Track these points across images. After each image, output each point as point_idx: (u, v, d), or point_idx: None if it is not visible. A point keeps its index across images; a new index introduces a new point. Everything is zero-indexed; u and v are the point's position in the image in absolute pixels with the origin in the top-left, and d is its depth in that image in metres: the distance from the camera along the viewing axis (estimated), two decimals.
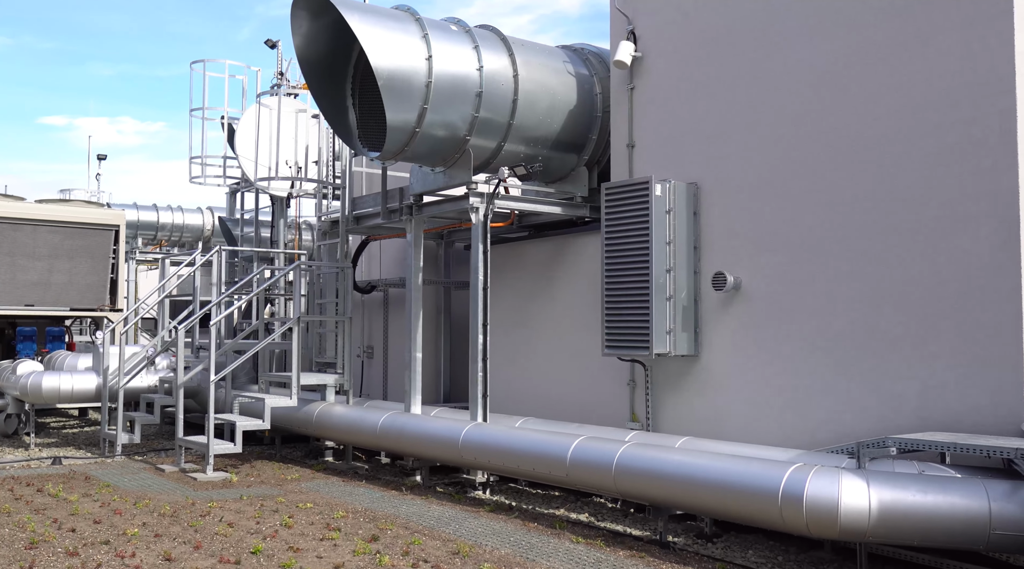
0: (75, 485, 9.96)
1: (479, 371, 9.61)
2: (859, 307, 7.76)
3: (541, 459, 7.96)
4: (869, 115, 7.81)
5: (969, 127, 7.13)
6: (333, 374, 11.69)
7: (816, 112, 8.21)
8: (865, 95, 7.85)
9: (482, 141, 9.93)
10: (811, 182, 8.22)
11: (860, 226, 7.81)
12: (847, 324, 7.84)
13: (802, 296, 8.22)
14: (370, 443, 10.35)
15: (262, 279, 12.57)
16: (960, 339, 7.06)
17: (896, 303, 7.50)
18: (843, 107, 8.01)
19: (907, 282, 7.44)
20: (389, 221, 11.22)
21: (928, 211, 7.35)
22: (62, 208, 15.56)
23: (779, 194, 8.47)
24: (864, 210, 7.79)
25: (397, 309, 13.54)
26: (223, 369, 11.51)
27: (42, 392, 12.82)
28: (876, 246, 7.67)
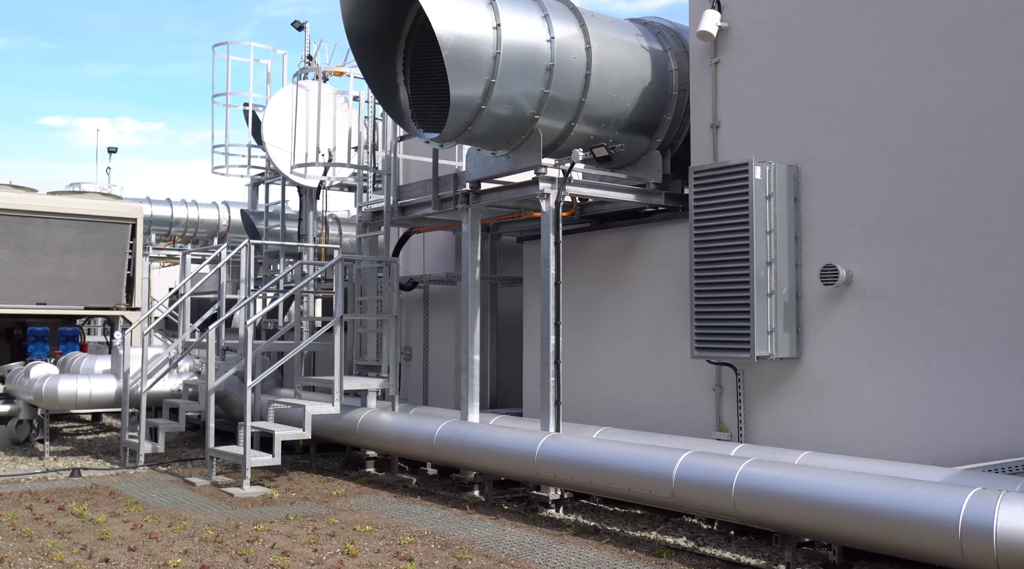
0: (100, 502, 8.98)
1: (551, 376, 8.63)
2: (1004, 302, 6.79)
3: (639, 477, 6.98)
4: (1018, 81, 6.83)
5: None
6: (376, 378, 10.72)
7: (951, 78, 7.23)
8: (1014, 57, 6.88)
9: (550, 121, 8.95)
10: (941, 160, 7.24)
11: (1005, 207, 6.83)
12: (987, 321, 6.87)
13: (931, 290, 7.24)
14: (424, 455, 9.38)
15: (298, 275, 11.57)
16: None
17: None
18: (985, 70, 7.03)
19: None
20: (441, 211, 10.25)
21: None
22: (76, 200, 14.58)
23: (901, 175, 7.49)
24: (1010, 189, 6.81)
25: (439, 307, 12.56)
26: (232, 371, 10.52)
27: (58, 397, 11.84)
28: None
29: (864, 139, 7.76)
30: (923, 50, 7.41)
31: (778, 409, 8.26)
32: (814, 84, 8.18)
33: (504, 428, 8.62)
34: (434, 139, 8.94)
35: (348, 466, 11.47)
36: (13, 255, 14.05)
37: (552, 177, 8.79)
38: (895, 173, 7.53)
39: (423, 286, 12.71)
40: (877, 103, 7.69)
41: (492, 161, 9.42)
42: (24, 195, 14.17)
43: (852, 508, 5.68)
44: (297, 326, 11.77)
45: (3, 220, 13.87)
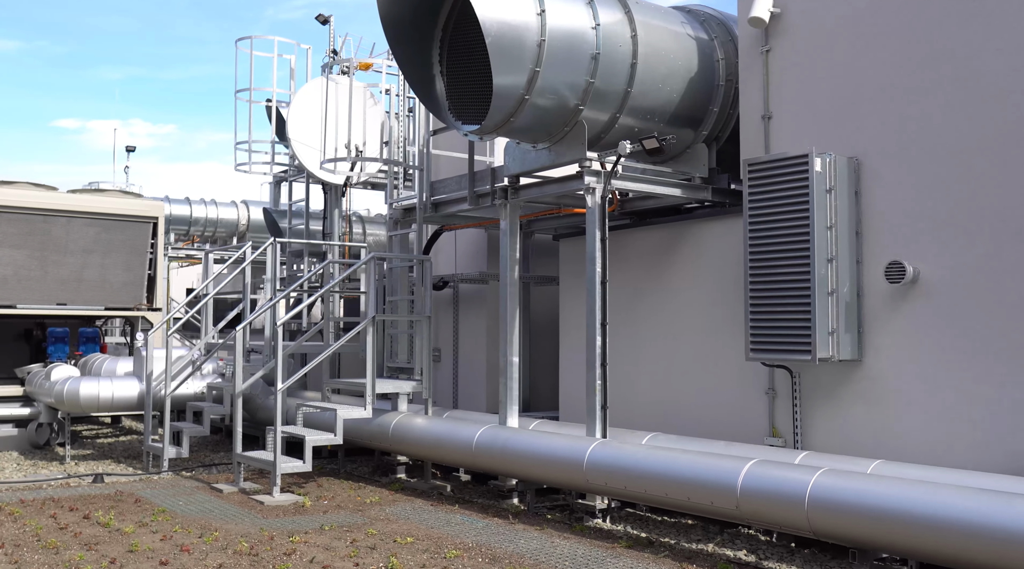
0: (126, 510, 8.63)
1: (597, 379, 8.23)
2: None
3: (701, 487, 6.57)
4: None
5: None
6: (409, 380, 10.34)
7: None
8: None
9: (594, 112, 8.56)
10: (1017, 150, 6.81)
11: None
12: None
13: (1005, 289, 6.81)
14: (462, 462, 8.99)
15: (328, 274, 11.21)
16: None
17: None
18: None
19: None
20: (477, 207, 9.86)
21: None
22: (97, 199, 14.24)
23: (972, 166, 7.06)
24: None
25: (469, 307, 12.18)
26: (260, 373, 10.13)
27: (80, 400, 11.50)
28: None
29: (932, 128, 7.34)
30: (998, 31, 6.98)
31: (837, 414, 7.84)
32: (876, 70, 7.76)
33: (549, 434, 8.22)
34: (473, 132, 8.56)
35: (378, 472, 11.09)
36: (33, 255, 13.73)
37: (597, 171, 8.40)
38: (966, 164, 7.11)
39: (453, 286, 12.33)
40: (947, 89, 7.27)
41: (532, 155, 9.02)
42: (44, 193, 13.84)
43: (943, 523, 5.27)
44: (326, 327, 11.40)
45: (24, 219, 13.55)
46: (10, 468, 11.38)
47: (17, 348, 15.36)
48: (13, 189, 13.65)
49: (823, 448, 7.87)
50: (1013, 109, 6.86)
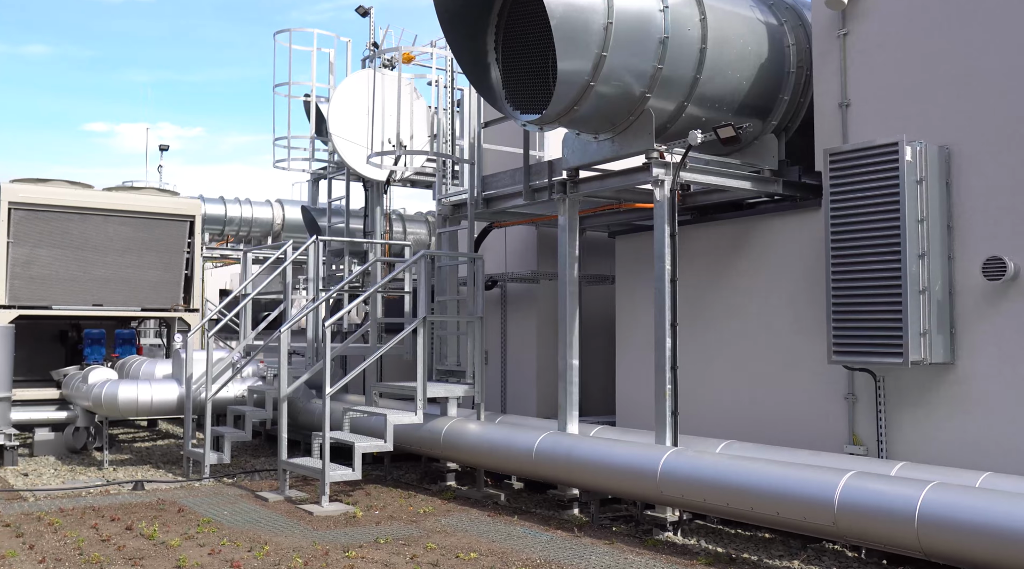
0: (169, 521, 8.24)
1: (667, 383, 7.74)
2: None
3: (792, 502, 6.08)
4: None
5: None
6: (460, 384, 9.89)
7: None
8: None
9: (661, 101, 8.08)
10: None
11: None
12: None
13: None
14: (521, 470, 8.53)
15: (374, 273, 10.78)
16: None
17: None
18: None
19: None
20: (532, 202, 9.41)
21: None
22: (133, 197, 13.91)
23: None
24: None
25: (518, 308, 11.72)
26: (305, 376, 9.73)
27: (118, 404, 11.15)
28: None
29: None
30: None
31: (926, 421, 7.32)
32: (967, 52, 7.23)
33: (615, 442, 7.74)
34: (532, 122, 8.10)
35: (426, 479, 10.66)
36: (69, 255, 13.42)
37: (666, 162, 7.92)
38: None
39: (501, 285, 11.88)
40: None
41: (593, 146, 8.55)
42: (80, 191, 13.52)
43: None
44: (373, 329, 10.99)
45: (60, 218, 13.24)
46: (48, 474, 11.05)
47: (52, 350, 15.08)
48: (48, 187, 13.35)
49: (911, 457, 7.34)
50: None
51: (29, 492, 9.69)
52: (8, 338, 11.77)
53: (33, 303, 13.26)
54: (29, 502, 9.20)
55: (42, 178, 13.54)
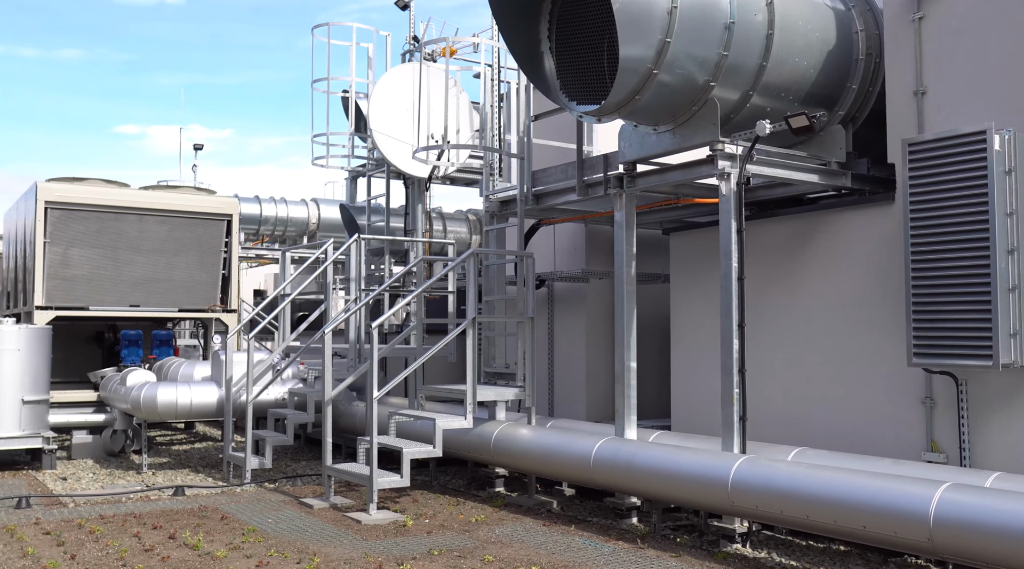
0: (213, 529, 7.94)
1: (734, 387, 7.35)
2: None
3: (881, 515, 5.67)
4: None
5: None
6: (509, 387, 9.54)
7: None
8: None
9: (725, 90, 7.68)
10: None
11: None
12: None
13: None
14: (578, 477, 8.17)
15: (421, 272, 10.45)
16: None
17: None
18: None
19: None
20: (586, 197, 9.04)
21: None
22: (170, 195, 13.68)
23: None
24: None
25: (565, 308, 11.35)
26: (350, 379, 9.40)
27: (157, 407, 10.89)
28: None
29: None
30: None
31: (1014, 427, 6.87)
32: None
33: (679, 449, 7.36)
34: (590, 113, 7.73)
35: (473, 485, 10.31)
36: (105, 254, 13.21)
37: (732, 154, 7.52)
38: None
39: (548, 285, 11.52)
40: None
41: (653, 139, 8.17)
42: (117, 190, 13.31)
43: None
44: (419, 330, 10.65)
45: (96, 217, 13.03)
46: (86, 478, 10.82)
47: (89, 351, 14.92)
48: (85, 186, 13.15)
49: (996, 466, 6.90)
50: None
51: (69, 497, 9.45)
52: (46, 340, 11.55)
53: (70, 304, 13.07)
54: (69, 508, 8.96)
55: (78, 177, 13.35)
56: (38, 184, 12.77)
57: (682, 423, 9.64)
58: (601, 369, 11.06)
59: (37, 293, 12.73)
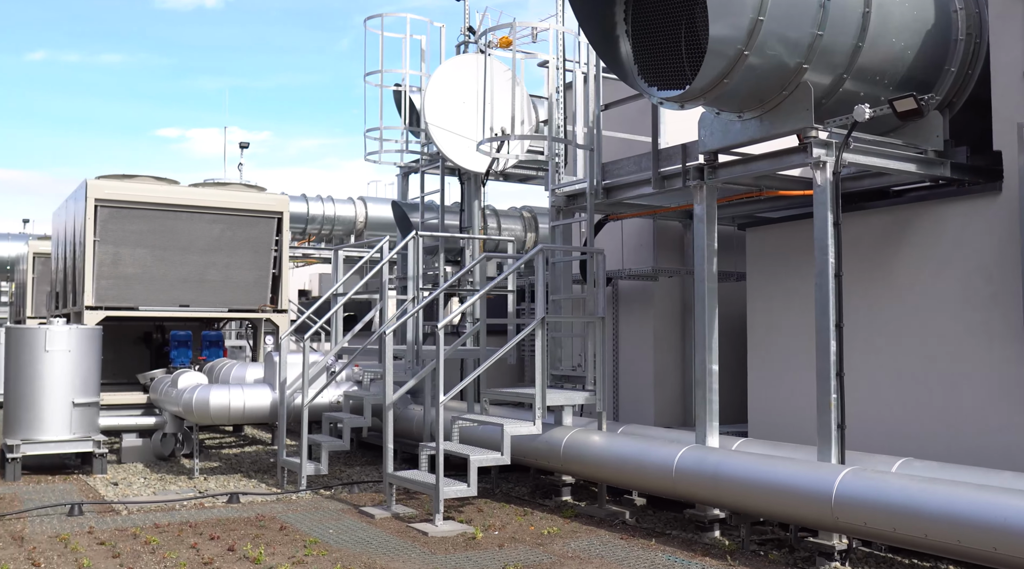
0: (273, 540, 7.55)
1: (831, 392, 6.82)
2: None
3: (1019, 536, 5.12)
4: None
5: None
6: (580, 391, 9.07)
7: None
8: None
9: (818, 74, 7.14)
10: None
11: None
12: None
13: None
14: (658, 488, 7.67)
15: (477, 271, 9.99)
16: None
17: None
18: None
19: None
20: (661, 190, 8.54)
21: None
22: (220, 193, 13.36)
23: None
24: None
25: (631, 307, 10.85)
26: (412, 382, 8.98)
27: (209, 410, 10.54)
28: None
29: None
30: None
31: None
32: None
33: (772, 458, 6.84)
34: (672, 99, 7.23)
35: (538, 493, 9.85)
36: (156, 253, 12.92)
37: (827, 142, 6.99)
38: None
39: (614, 283, 11.03)
40: None
41: (737, 126, 7.65)
42: (167, 188, 13.02)
43: None
44: (482, 330, 10.21)
45: (146, 215, 12.75)
46: (138, 483, 10.50)
47: (137, 352, 14.67)
48: (135, 183, 12.87)
49: None
50: None
51: (122, 505, 9.11)
52: (96, 340, 11.25)
53: (120, 304, 12.81)
54: (122, 516, 8.62)
55: (128, 174, 13.07)
56: (88, 182, 12.51)
57: (760, 429, 9.11)
58: (669, 372, 10.56)
59: (87, 293, 12.47)
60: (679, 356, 10.57)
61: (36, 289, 22.14)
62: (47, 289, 19.31)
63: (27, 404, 10.76)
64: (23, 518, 8.45)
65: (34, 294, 22.18)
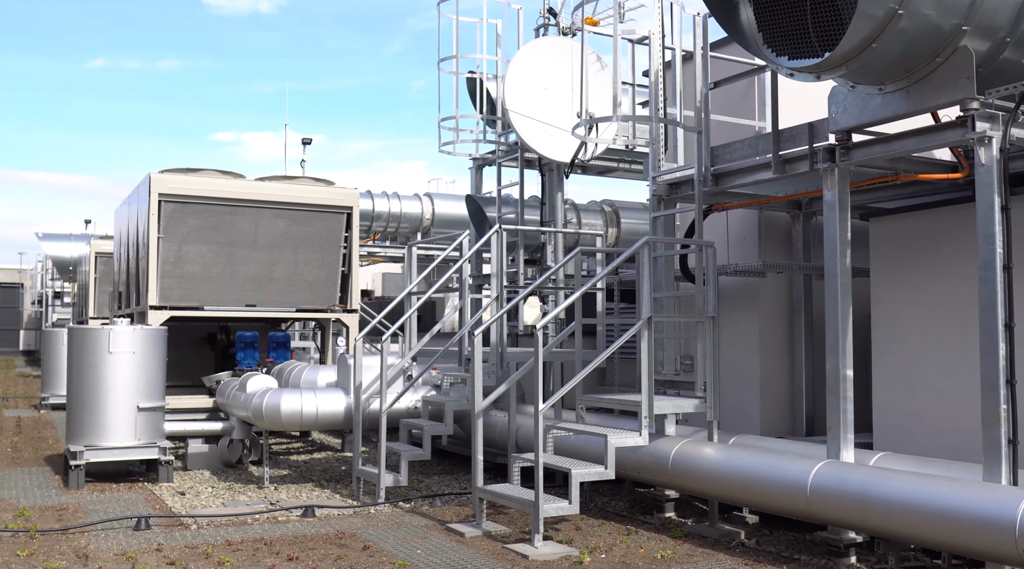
0: (357, 562, 6.84)
1: (1000, 402, 5.91)
2: None
3: None
4: None
5: None
6: (688, 398, 8.25)
7: None
8: None
9: (976, 38, 6.23)
10: None
11: None
12: None
13: None
14: (788, 508, 6.82)
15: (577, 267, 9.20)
16: None
17: None
18: None
19: None
20: (783, 175, 7.67)
21: None
22: (288, 187, 12.74)
23: None
24: None
25: (734, 306, 9.98)
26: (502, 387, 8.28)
27: (281, 416, 9.90)
28: None
29: None
30: None
31: None
32: None
33: (933, 479, 5.96)
34: (806, 69, 6.39)
35: (637, 508, 9.03)
36: (222, 250, 12.34)
37: (993, 115, 6.09)
38: None
39: None
40: None
41: (877, 101, 6.76)
42: (232, 182, 12.43)
43: None
44: (578, 331, 9.40)
45: (212, 210, 12.17)
46: (205, 493, 9.89)
47: (200, 354, 14.13)
48: (199, 177, 12.30)
49: None
50: None
51: (191, 518, 8.48)
52: (161, 341, 10.68)
53: (184, 303, 12.24)
54: (192, 531, 7.98)
55: (192, 168, 12.51)
56: (151, 176, 11.96)
57: (887, 441, 8.20)
58: (776, 376, 9.68)
59: (151, 292, 11.92)
60: (787, 359, 9.68)
61: (98, 289, 21.85)
62: (110, 289, 18.95)
63: (90, 408, 10.21)
64: (87, 533, 7.86)
65: (96, 294, 21.89)
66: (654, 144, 8.74)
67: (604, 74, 11.62)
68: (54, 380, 18.70)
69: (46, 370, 19.18)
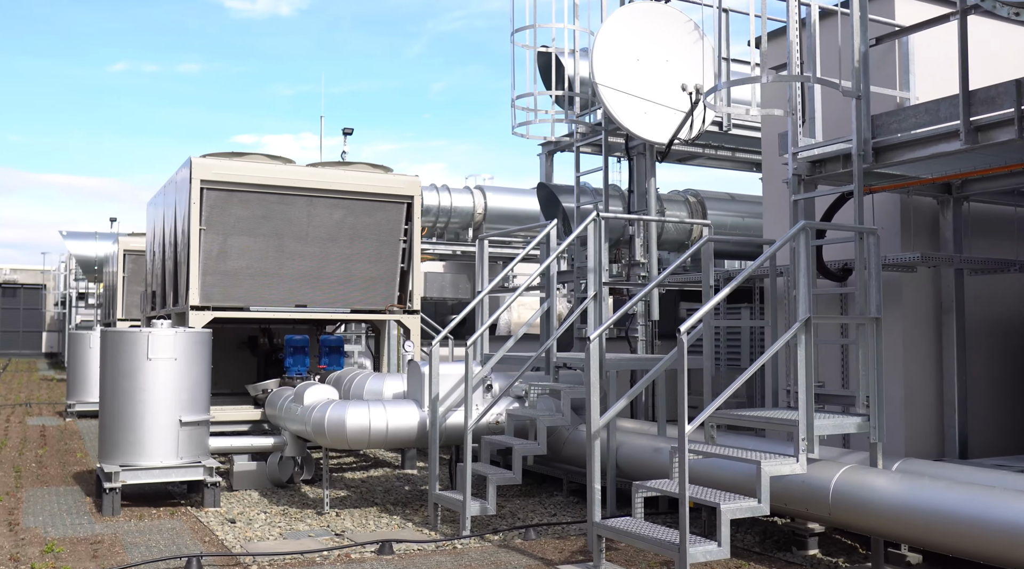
0: None
1: None
2: None
3: None
4: None
5: None
6: (849, 415, 6.88)
7: None
8: None
9: None
10: None
11: None
12: None
13: None
14: (1006, 558, 5.44)
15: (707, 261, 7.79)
16: None
17: None
18: None
19: None
20: (974, 146, 6.29)
21: None
22: (344, 173, 11.44)
23: None
24: None
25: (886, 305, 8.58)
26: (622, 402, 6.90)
27: (347, 433, 8.60)
28: None
29: None
30: None
31: None
32: None
33: None
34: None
35: (768, 542, 7.68)
36: (270, 244, 11.06)
37: None
38: None
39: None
40: None
41: None
42: (282, 167, 11.14)
43: None
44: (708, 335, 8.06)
45: (258, 199, 10.90)
46: (259, 520, 8.61)
47: (241, 359, 12.82)
48: (246, 162, 11.02)
49: None
50: None
51: (249, 557, 7.17)
52: (206, 346, 9.40)
53: (228, 303, 10.97)
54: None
55: (236, 152, 11.23)
56: (192, 160, 10.69)
57: None
58: (922, 388, 8.31)
59: (192, 290, 10.65)
60: (935, 368, 8.30)
61: (127, 289, 20.64)
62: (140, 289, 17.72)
63: (127, 423, 8.95)
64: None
65: (125, 295, 20.69)
66: (793, 114, 7.37)
67: (701, 45, 10.30)
68: (81, 386, 17.51)
69: (72, 375, 17.98)
